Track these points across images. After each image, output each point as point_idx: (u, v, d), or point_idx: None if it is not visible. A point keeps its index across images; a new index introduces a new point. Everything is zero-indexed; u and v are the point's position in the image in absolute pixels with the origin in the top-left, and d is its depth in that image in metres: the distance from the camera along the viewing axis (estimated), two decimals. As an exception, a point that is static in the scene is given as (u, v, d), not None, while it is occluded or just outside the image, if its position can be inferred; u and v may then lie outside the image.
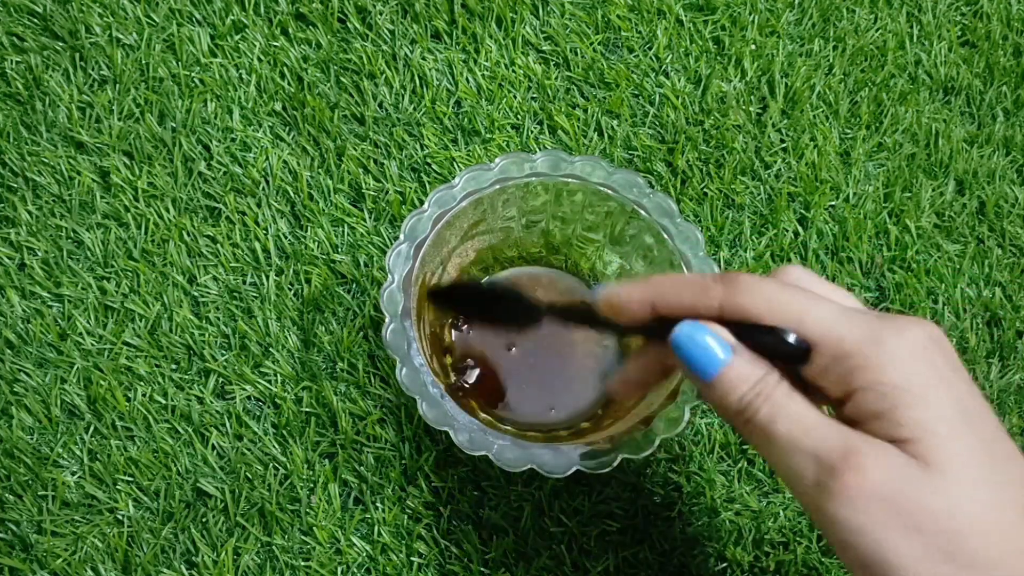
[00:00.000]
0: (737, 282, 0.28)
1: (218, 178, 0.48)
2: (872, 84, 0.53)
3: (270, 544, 0.41)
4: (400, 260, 0.38)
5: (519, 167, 0.39)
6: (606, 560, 0.41)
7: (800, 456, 0.25)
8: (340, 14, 0.52)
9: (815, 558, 0.42)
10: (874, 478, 0.24)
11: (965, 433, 0.25)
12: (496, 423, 0.41)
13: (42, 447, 0.42)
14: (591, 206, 0.41)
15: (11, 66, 0.49)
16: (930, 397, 0.25)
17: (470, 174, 0.39)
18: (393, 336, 0.36)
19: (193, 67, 0.50)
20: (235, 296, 0.45)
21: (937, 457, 0.24)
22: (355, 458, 0.43)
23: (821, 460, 0.25)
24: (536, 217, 0.42)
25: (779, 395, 0.27)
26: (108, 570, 0.40)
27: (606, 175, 0.39)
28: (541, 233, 0.44)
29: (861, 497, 0.24)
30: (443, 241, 0.40)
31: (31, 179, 0.47)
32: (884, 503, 0.24)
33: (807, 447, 0.25)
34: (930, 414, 0.25)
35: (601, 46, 0.53)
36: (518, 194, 0.40)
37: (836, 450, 0.25)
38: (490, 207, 0.40)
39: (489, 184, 0.39)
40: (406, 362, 0.36)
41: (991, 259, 0.49)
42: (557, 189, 0.40)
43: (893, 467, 0.24)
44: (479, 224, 0.41)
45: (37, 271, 0.45)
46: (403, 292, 0.37)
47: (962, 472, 0.24)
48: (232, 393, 0.43)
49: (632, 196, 0.39)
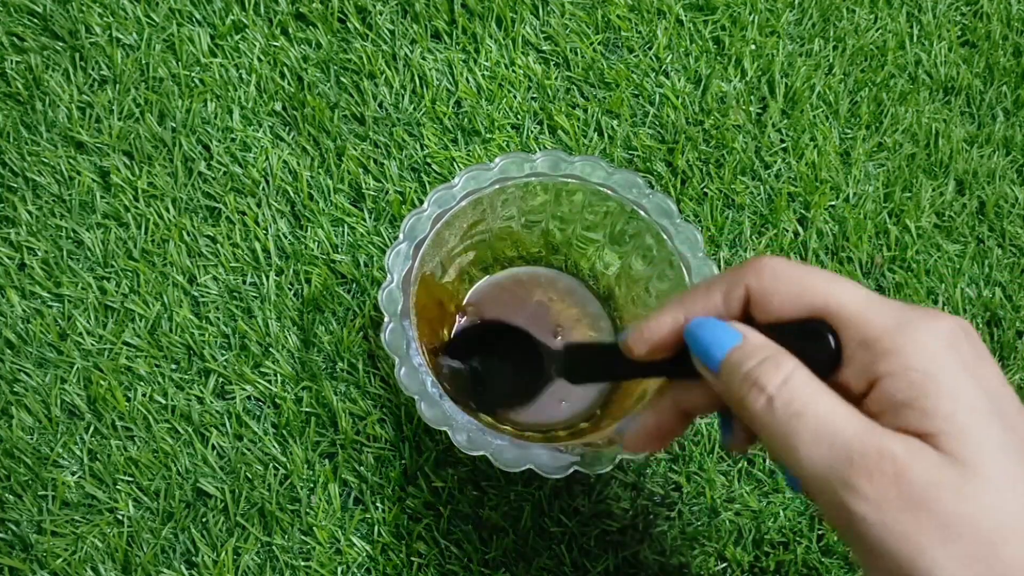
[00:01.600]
0: (762, 268, 0.27)
1: (218, 178, 0.48)
2: (872, 84, 0.53)
3: (270, 544, 0.41)
4: (399, 259, 0.37)
5: (519, 167, 0.39)
6: (606, 560, 0.41)
7: (824, 449, 0.24)
8: (340, 14, 0.52)
9: (815, 558, 0.42)
10: (911, 480, 0.23)
11: (997, 428, 0.23)
12: (496, 424, 0.41)
13: (42, 447, 0.42)
14: (591, 206, 0.41)
15: (11, 66, 0.49)
16: (961, 388, 0.23)
17: (470, 174, 0.39)
18: (392, 336, 0.36)
19: (193, 67, 0.50)
20: (235, 296, 0.45)
21: (969, 454, 0.23)
22: (355, 458, 0.43)
23: (852, 457, 0.23)
24: (536, 217, 0.42)
25: (798, 381, 0.25)
26: (108, 570, 0.40)
27: (606, 175, 0.39)
28: (541, 233, 0.44)
29: (897, 500, 0.23)
30: (442, 241, 0.40)
31: (31, 179, 0.47)
32: (920, 508, 0.22)
33: (834, 441, 0.24)
34: (960, 405, 0.23)
35: (601, 46, 0.53)
36: (518, 194, 0.40)
37: (869, 448, 0.23)
38: (489, 207, 0.40)
39: (489, 184, 0.39)
40: (405, 362, 0.35)
41: (991, 259, 0.49)
42: (556, 189, 0.40)
43: (929, 469, 0.23)
44: (478, 224, 0.41)
45: (37, 271, 0.45)
46: (402, 292, 0.37)
47: (996, 471, 0.23)
48: (232, 393, 0.43)
49: (632, 196, 0.39)
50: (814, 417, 0.24)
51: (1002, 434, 0.23)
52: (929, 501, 0.22)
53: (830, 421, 0.24)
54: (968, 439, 0.23)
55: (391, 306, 0.37)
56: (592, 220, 0.42)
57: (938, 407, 0.23)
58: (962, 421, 0.23)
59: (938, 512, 0.22)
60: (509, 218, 0.42)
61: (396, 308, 0.36)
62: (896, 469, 0.23)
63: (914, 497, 0.22)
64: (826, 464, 0.23)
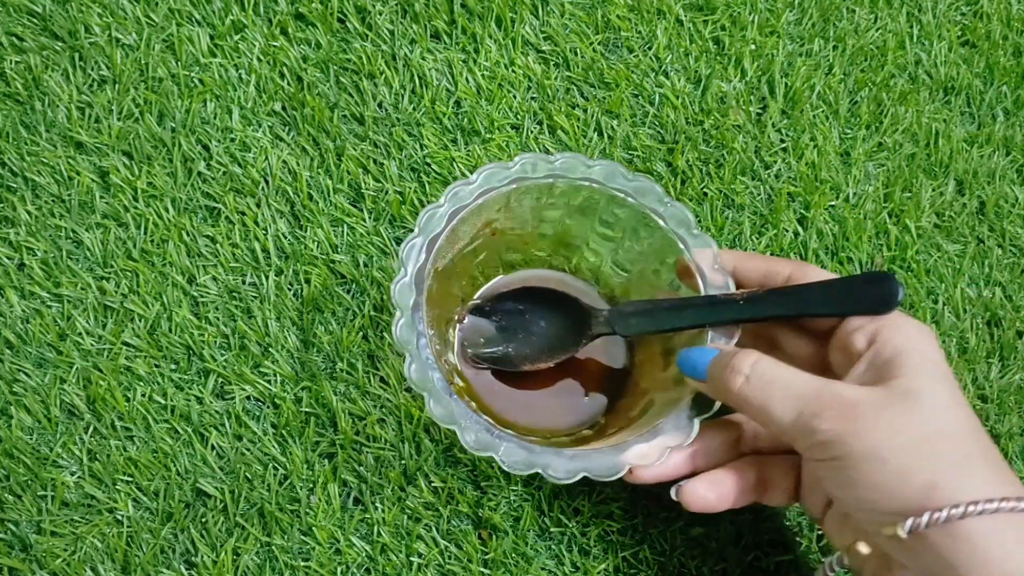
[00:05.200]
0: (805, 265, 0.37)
1: (217, 178, 0.48)
2: (872, 84, 0.53)
3: (270, 544, 0.41)
4: (414, 254, 0.37)
5: (537, 168, 0.39)
6: (606, 560, 0.41)
7: (792, 402, 0.32)
8: (340, 14, 0.52)
9: (815, 558, 0.42)
10: (863, 411, 0.30)
11: (946, 382, 0.31)
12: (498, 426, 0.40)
13: (41, 447, 0.42)
14: (606, 211, 0.41)
15: (10, 66, 0.49)
16: (928, 355, 0.32)
17: (488, 171, 0.39)
18: (404, 331, 0.36)
19: (192, 67, 0.50)
20: (234, 296, 0.45)
21: (915, 387, 0.31)
22: (355, 458, 0.42)
23: (813, 403, 0.31)
24: (550, 218, 0.42)
25: (765, 361, 0.33)
26: (107, 570, 0.40)
27: (624, 181, 0.39)
28: (554, 235, 0.44)
29: (851, 424, 0.30)
30: (456, 237, 0.39)
31: (30, 179, 0.47)
32: (871, 427, 0.30)
33: (799, 394, 0.32)
34: (924, 362, 0.32)
35: (601, 46, 0.53)
36: (534, 194, 0.40)
37: (825, 395, 0.32)
38: (505, 206, 0.40)
39: (506, 183, 0.39)
40: (416, 357, 0.35)
41: (991, 259, 0.49)
42: (573, 192, 0.40)
43: (877, 401, 0.31)
44: (492, 223, 0.41)
45: (36, 271, 0.45)
46: (415, 286, 0.36)
47: (935, 397, 0.31)
48: (231, 393, 0.43)
49: (649, 204, 0.39)
50: (781, 381, 0.32)
51: (943, 379, 0.31)
52: (879, 420, 0.30)
53: (795, 383, 0.32)
54: (916, 377, 0.31)
55: (403, 300, 0.36)
56: (607, 226, 0.42)
57: (907, 363, 0.31)
58: (923, 370, 0.31)
59: (886, 426, 0.30)
60: (523, 219, 0.42)
61: (408, 302, 0.36)
62: (847, 404, 0.31)
63: (866, 421, 0.30)
64: (795, 413, 0.32)
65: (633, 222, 0.40)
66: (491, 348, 0.43)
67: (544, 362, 0.42)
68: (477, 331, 0.43)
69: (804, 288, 0.36)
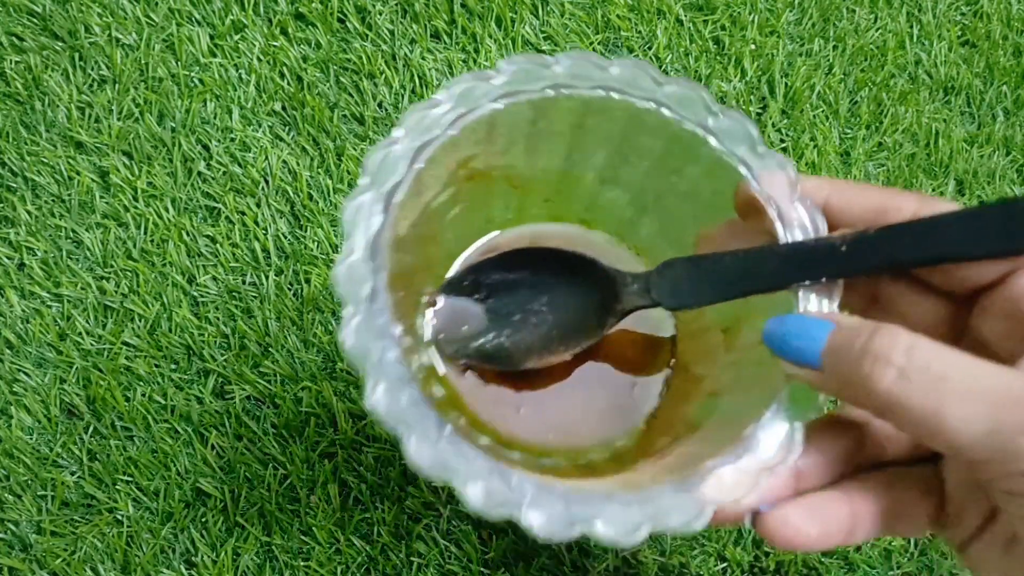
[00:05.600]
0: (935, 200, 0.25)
1: (217, 178, 0.48)
2: (872, 84, 0.53)
3: (269, 544, 0.41)
4: (362, 217, 0.24)
5: (532, 76, 0.27)
6: (606, 560, 0.41)
7: (981, 408, 0.20)
8: (340, 14, 0.52)
9: (815, 558, 0.42)
10: None
11: None
12: (501, 450, 0.30)
13: (41, 447, 0.42)
14: (633, 135, 0.28)
15: (10, 66, 0.49)
16: None
17: (461, 87, 0.26)
18: (359, 335, 0.23)
19: (192, 67, 0.50)
20: (234, 296, 0.45)
21: None
22: (355, 458, 0.42)
23: (1018, 408, 0.20)
24: (552, 150, 0.30)
25: (925, 344, 0.21)
26: (107, 570, 0.40)
27: (654, 87, 0.27)
28: (557, 174, 0.32)
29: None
30: (422, 187, 0.27)
31: (30, 179, 0.47)
32: None
33: (991, 398, 0.20)
34: None
35: (601, 46, 0.53)
36: (529, 115, 0.28)
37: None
38: (487, 136, 0.28)
39: (488, 101, 0.26)
40: (381, 375, 0.23)
41: (991, 259, 0.49)
42: (585, 108, 0.28)
43: None
44: (471, 161, 0.29)
45: (36, 271, 0.45)
46: (371, 265, 0.24)
47: None
48: (231, 393, 0.43)
49: (693, 116, 0.27)
50: (959, 376, 0.21)
51: None
52: None
53: (982, 378, 0.21)
54: None
55: (352, 288, 0.24)
56: (633, 152, 0.29)
57: None
58: None
59: None
60: (515, 153, 0.30)
61: (362, 291, 0.24)
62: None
63: None
64: (988, 425, 0.20)
65: (670, 144, 0.28)
66: (478, 341, 0.31)
67: (554, 356, 0.30)
68: (457, 317, 0.31)
69: (941, 221, 0.23)
